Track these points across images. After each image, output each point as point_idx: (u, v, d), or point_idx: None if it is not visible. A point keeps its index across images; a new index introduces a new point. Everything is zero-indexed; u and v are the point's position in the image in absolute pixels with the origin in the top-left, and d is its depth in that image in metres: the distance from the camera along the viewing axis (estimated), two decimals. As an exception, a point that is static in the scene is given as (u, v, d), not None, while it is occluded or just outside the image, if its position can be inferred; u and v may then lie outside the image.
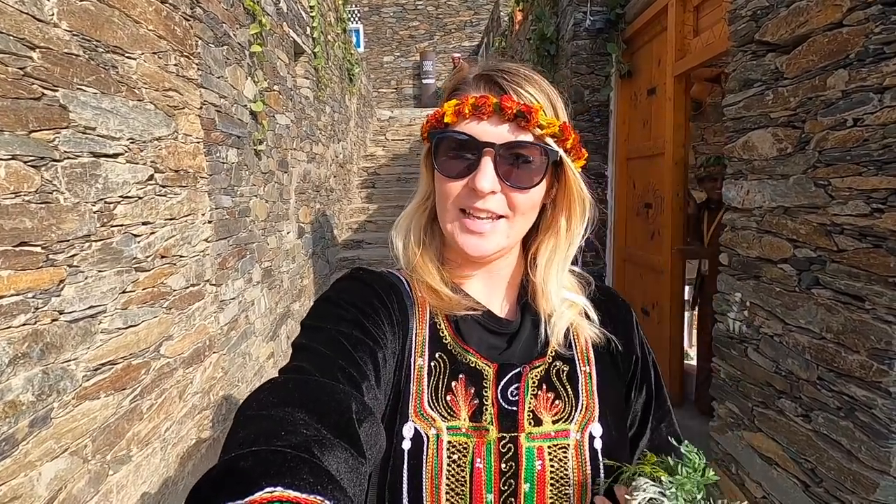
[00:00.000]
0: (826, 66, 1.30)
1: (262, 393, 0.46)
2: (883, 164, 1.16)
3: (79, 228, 1.52)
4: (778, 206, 1.51)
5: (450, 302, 0.61)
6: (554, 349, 0.62)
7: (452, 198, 0.59)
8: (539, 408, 0.60)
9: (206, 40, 2.42)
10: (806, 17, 1.36)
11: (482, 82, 0.59)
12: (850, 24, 1.23)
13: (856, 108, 1.22)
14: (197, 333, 2.28)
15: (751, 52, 1.59)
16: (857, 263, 1.25)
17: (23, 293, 1.31)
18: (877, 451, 1.21)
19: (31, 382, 1.33)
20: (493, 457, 0.57)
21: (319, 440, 0.40)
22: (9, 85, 1.28)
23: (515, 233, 0.61)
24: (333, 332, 0.54)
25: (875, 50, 1.16)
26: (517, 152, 0.57)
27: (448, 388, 0.59)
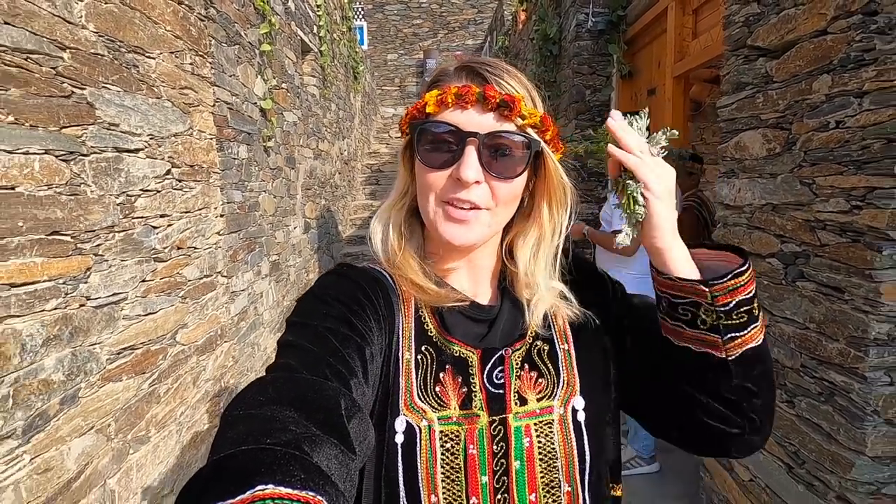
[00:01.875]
0: (812, 71, 1.38)
1: (249, 392, 0.45)
2: (862, 163, 1.24)
3: (104, 219, 1.60)
4: (767, 203, 1.59)
5: (436, 296, 0.62)
6: (533, 330, 0.63)
7: (435, 189, 0.59)
8: (523, 388, 0.61)
9: (219, 40, 2.50)
10: (794, 24, 1.44)
11: (464, 73, 0.59)
12: (834, 31, 1.31)
13: (838, 111, 1.30)
14: (209, 323, 2.36)
15: (743, 57, 1.67)
16: (837, 257, 1.33)
17: (54, 279, 1.39)
18: (853, 433, 1.29)
19: (62, 363, 1.42)
20: (486, 441, 0.59)
21: (309, 437, 0.40)
22: (43, 84, 1.36)
23: (497, 222, 0.61)
24: (320, 328, 0.54)
25: (856, 56, 1.24)
26: (500, 142, 0.57)
27: (437, 380, 0.60)
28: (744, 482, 1.74)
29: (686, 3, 2.75)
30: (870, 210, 1.22)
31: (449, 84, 0.58)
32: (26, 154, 1.30)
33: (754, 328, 0.55)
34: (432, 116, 0.58)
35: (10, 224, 1.25)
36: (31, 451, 1.30)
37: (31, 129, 1.32)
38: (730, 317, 0.54)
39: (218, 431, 0.42)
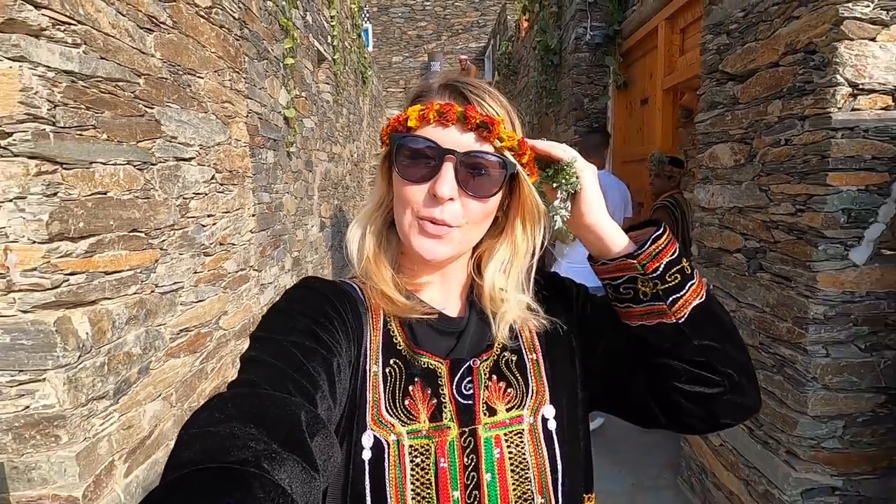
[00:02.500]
0: (767, 96, 1.65)
1: (206, 409, 0.44)
2: (804, 174, 1.50)
3: (167, 219, 1.88)
4: (734, 206, 1.85)
5: (404, 308, 0.61)
6: (500, 341, 0.64)
7: (411, 202, 0.59)
8: (492, 398, 0.61)
9: (251, 56, 2.77)
10: (754, 55, 1.70)
11: (447, 91, 0.60)
12: (784, 65, 1.57)
13: (787, 130, 1.56)
14: (244, 311, 2.64)
15: (715, 80, 1.94)
16: (786, 252, 1.59)
17: (134, 269, 1.67)
18: (798, 397, 1.56)
19: (139, 339, 1.69)
20: (457, 453, 0.58)
21: (269, 454, 0.39)
22: (125, 106, 1.64)
23: (467, 240, 0.62)
24: (285, 342, 0.53)
25: (799, 87, 1.51)
26: (477, 161, 0.58)
27: (406, 393, 0.59)
28: (715, 447, 2.01)
29: (675, 22, 3.01)
30: (809, 213, 1.49)
31: (432, 100, 0.59)
32: (115, 165, 1.58)
33: (692, 285, 0.59)
34: (413, 131, 0.59)
35: (104, 223, 1.52)
36: (119, 410, 1.58)
37: (118, 144, 1.59)
38: (664, 280, 0.58)
39: (172, 451, 0.40)
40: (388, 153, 0.62)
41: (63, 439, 1.37)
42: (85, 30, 1.44)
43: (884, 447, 1.55)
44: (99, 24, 1.50)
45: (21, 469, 1.37)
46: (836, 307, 1.48)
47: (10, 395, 1.34)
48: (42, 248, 1.30)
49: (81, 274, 1.43)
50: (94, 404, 1.47)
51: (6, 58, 1.23)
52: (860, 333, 1.50)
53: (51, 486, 1.39)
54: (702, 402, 0.61)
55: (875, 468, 1.56)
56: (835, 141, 1.40)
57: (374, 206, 0.66)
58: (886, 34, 1.36)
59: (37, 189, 1.29)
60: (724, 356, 0.60)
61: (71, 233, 1.38)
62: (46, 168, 1.31)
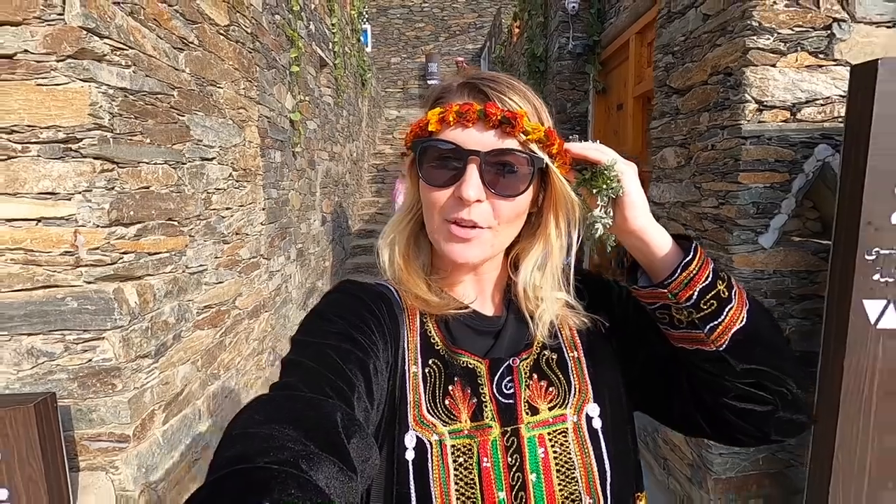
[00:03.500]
0: (700, 109, 1.97)
1: (248, 411, 0.45)
2: (724, 174, 1.83)
3: (194, 210, 2.20)
4: (677, 201, 2.18)
5: (438, 305, 0.62)
6: (540, 340, 0.62)
7: (438, 207, 0.58)
8: (533, 397, 0.60)
9: (261, 66, 3.09)
10: (691, 74, 2.03)
11: (466, 90, 0.59)
12: (711, 83, 1.89)
13: (712, 138, 1.89)
14: (256, 294, 2.96)
15: (664, 93, 2.26)
16: (713, 238, 1.92)
17: (170, 251, 1.99)
18: (720, 358, 1.89)
19: (173, 310, 2.02)
20: (500, 453, 0.57)
21: (307, 455, 0.40)
22: (163, 115, 1.95)
23: (500, 242, 0.61)
24: (322, 345, 0.54)
25: (720, 102, 1.83)
26: (503, 160, 0.56)
27: (445, 393, 0.59)
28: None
29: (644, 37, 3.33)
30: (727, 206, 1.82)
31: (451, 102, 0.58)
32: (156, 164, 1.90)
33: (731, 310, 0.55)
34: (435, 135, 0.58)
35: (148, 212, 1.84)
36: (159, 368, 1.90)
37: (158, 147, 1.91)
38: (699, 308, 0.55)
39: (216, 450, 0.42)
40: (413, 160, 0.61)
41: (118, 387, 1.69)
42: (134, 53, 1.76)
43: (791, 399, 1.88)
44: (144, 48, 1.82)
45: (84, 411, 1.69)
46: (749, 283, 1.80)
47: (76, 350, 1.66)
48: (104, 231, 1.62)
49: (132, 253, 1.75)
50: (141, 361, 1.79)
51: (79, 79, 1.55)
52: (769, 305, 1.82)
53: (107, 426, 1.71)
54: (753, 420, 0.59)
55: (784, 417, 1.89)
56: (744, 147, 1.72)
57: (403, 213, 0.66)
58: (784, 61, 1.68)
59: (100, 184, 1.61)
60: (776, 376, 0.57)
61: (124, 219, 1.70)
62: (107, 167, 1.63)
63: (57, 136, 1.55)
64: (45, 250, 1.60)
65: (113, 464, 1.72)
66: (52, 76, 1.53)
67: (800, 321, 1.83)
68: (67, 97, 1.55)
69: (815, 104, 1.71)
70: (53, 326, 1.62)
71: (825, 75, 1.70)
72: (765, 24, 1.65)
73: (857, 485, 1.52)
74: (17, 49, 1.51)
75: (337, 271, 5.39)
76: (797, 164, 1.74)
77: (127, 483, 1.74)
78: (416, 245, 0.66)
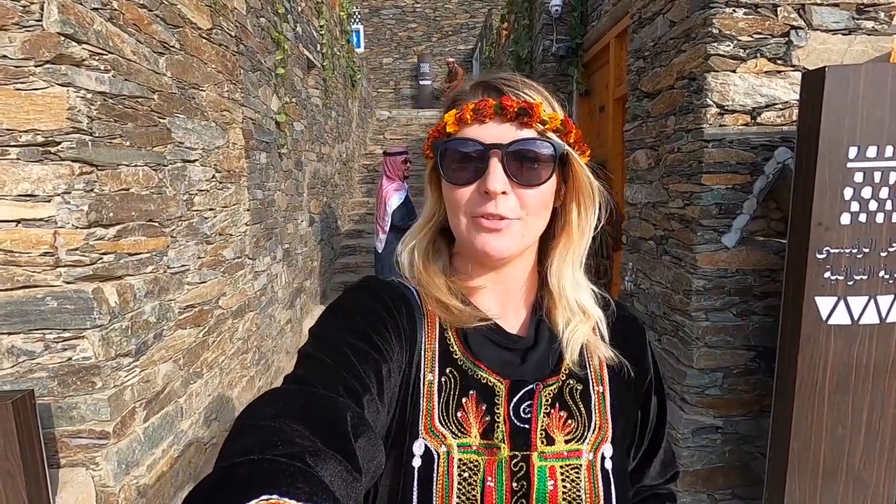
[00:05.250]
0: (667, 113, 2.03)
1: (261, 403, 0.46)
2: (689, 176, 1.89)
3: (176, 211, 2.23)
4: (648, 202, 2.24)
5: (460, 315, 0.60)
6: (567, 367, 0.61)
7: (465, 205, 0.58)
8: (552, 427, 0.59)
9: (245, 68, 3.13)
10: (659, 79, 2.09)
11: (480, 89, 0.60)
12: (677, 88, 1.96)
13: (679, 141, 1.95)
14: (240, 294, 3.00)
15: (636, 97, 2.32)
16: (679, 238, 1.98)
17: (150, 252, 2.03)
18: (686, 353, 1.95)
19: (154, 310, 2.05)
20: (505, 475, 0.56)
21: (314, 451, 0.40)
22: (143, 118, 1.99)
23: (531, 233, 0.60)
24: (339, 342, 0.54)
25: (686, 106, 1.89)
26: (524, 150, 0.56)
27: (459, 405, 0.58)
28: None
29: (623, 40, 3.40)
30: (692, 207, 1.88)
31: (466, 102, 0.58)
32: (136, 166, 1.93)
33: None
34: (453, 135, 0.58)
35: (128, 213, 1.88)
36: (139, 366, 1.94)
37: (138, 150, 1.95)
38: None
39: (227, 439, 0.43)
40: (434, 164, 0.61)
41: (98, 385, 1.73)
42: (113, 58, 1.79)
43: (755, 394, 1.94)
44: (123, 52, 1.86)
45: (64, 409, 1.72)
46: (712, 281, 1.87)
47: (56, 348, 1.69)
48: (83, 232, 1.66)
49: (111, 254, 1.78)
50: (121, 359, 1.83)
51: (57, 84, 1.58)
52: (733, 302, 1.89)
53: (87, 423, 1.75)
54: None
55: (748, 411, 1.96)
56: (706, 150, 1.78)
57: (424, 220, 0.66)
58: (744, 67, 1.74)
59: (79, 186, 1.64)
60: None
61: (104, 221, 1.74)
62: (86, 169, 1.67)
63: (36, 140, 1.59)
64: (24, 251, 1.63)
65: (93, 460, 1.75)
66: (30, 81, 1.57)
67: (762, 318, 1.89)
68: (46, 102, 1.58)
69: (775, 108, 1.77)
70: (33, 326, 1.66)
71: (784, 80, 1.76)
72: (725, 32, 1.71)
73: (812, 472, 1.59)
74: (-5, 55, 1.54)
75: (325, 271, 5.42)
76: (758, 166, 1.80)
77: (107, 479, 1.77)
78: (435, 250, 0.66)
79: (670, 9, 1.97)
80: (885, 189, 1.47)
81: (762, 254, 1.86)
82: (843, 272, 1.50)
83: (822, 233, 1.49)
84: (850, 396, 1.55)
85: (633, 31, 2.34)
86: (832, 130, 1.44)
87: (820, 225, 1.49)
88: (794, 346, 1.56)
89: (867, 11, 1.72)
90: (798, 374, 1.55)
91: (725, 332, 1.90)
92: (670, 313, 2.07)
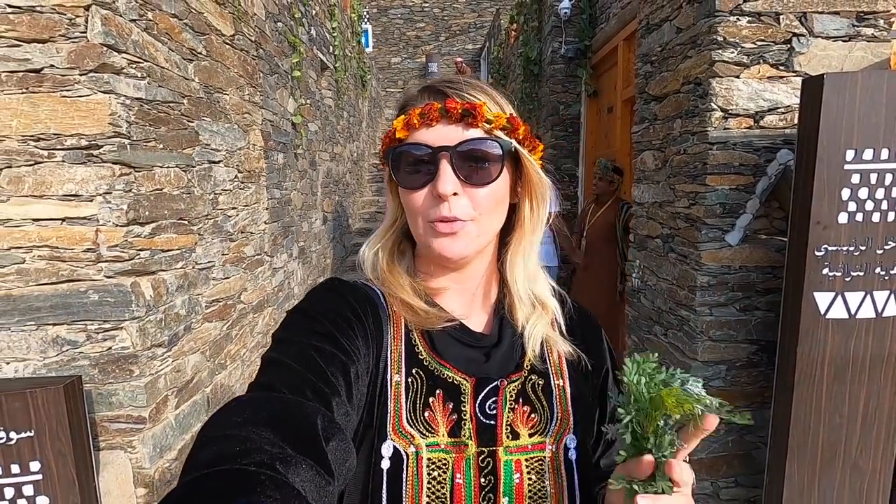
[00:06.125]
0: (674, 116, 2.11)
1: (225, 412, 0.45)
2: (694, 176, 1.97)
3: (203, 210, 2.35)
4: (655, 201, 2.32)
5: (426, 316, 0.61)
6: (529, 363, 0.62)
7: (420, 209, 0.59)
8: (516, 421, 0.60)
9: (264, 72, 3.24)
10: (666, 83, 2.17)
11: (426, 94, 0.60)
12: (683, 92, 2.04)
13: (684, 143, 2.03)
14: (259, 290, 3.12)
15: (644, 99, 2.40)
16: (685, 236, 2.06)
17: (180, 248, 2.14)
18: (692, 347, 2.03)
19: (184, 303, 2.17)
20: (473, 472, 0.57)
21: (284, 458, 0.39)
22: (174, 122, 2.10)
23: (485, 232, 0.61)
24: (305, 345, 0.53)
25: (690, 110, 1.97)
26: (472, 149, 0.57)
27: (426, 405, 0.58)
28: (643, 395, 2.49)
29: (630, 43, 3.47)
30: (697, 206, 1.96)
31: (414, 107, 0.59)
32: (168, 168, 2.05)
33: None
34: (404, 141, 0.59)
35: (161, 212, 1.99)
36: (172, 356, 2.06)
37: (170, 152, 2.06)
38: None
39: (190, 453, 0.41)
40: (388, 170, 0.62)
41: (135, 373, 1.85)
42: (148, 66, 1.90)
43: (757, 386, 2.03)
44: (157, 60, 1.97)
45: (104, 395, 1.84)
46: (716, 277, 1.95)
47: (97, 338, 1.81)
48: (122, 230, 1.77)
49: (147, 250, 1.90)
50: (155, 349, 1.94)
51: (100, 91, 1.70)
52: (736, 298, 1.97)
53: (125, 409, 1.86)
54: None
55: (751, 402, 2.04)
56: (711, 152, 1.87)
57: (386, 225, 0.67)
58: (747, 73, 1.82)
59: (119, 186, 1.76)
60: None
61: (140, 219, 1.85)
62: (125, 171, 1.78)
63: (80, 144, 1.70)
64: (69, 247, 1.75)
65: (130, 443, 1.87)
66: (75, 89, 1.68)
67: (764, 313, 1.97)
68: (90, 108, 1.69)
69: (777, 112, 1.85)
70: (77, 317, 1.77)
71: (786, 85, 1.84)
72: (729, 39, 1.79)
73: (811, 459, 1.67)
74: (44, 64, 1.66)
75: (338, 268, 5.54)
76: (761, 167, 1.88)
77: (143, 461, 1.89)
78: (400, 252, 0.67)
79: (677, 16, 2.05)
80: (881, 190, 1.55)
81: (764, 251, 1.94)
82: (840, 269, 1.58)
83: (820, 231, 1.57)
84: (847, 387, 1.63)
85: (641, 36, 2.42)
86: (830, 134, 1.51)
87: (819, 224, 1.57)
88: (793, 339, 1.64)
89: (867, 19, 1.79)
90: (797, 365, 1.63)
91: (729, 327, 1.98)
92: (676, 308, 2.15)
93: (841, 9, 1.78)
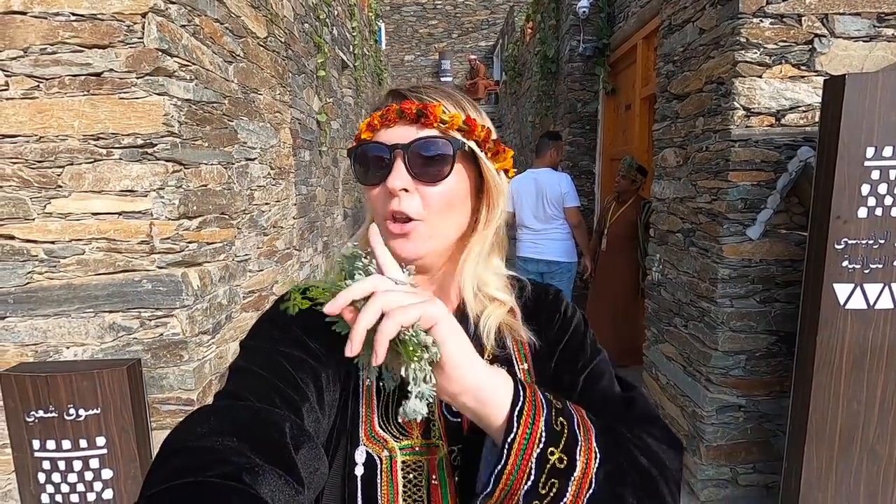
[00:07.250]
0: (696, 114, 2.18)
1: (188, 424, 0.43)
2: (716, 173, 2.04)
3: (241, 205, 2.46)
4: (676, 197, 2.39)
5: None
6: (490, 354, 0.62)
7: (377, 206, 0.60)
8: None
9: (293, 72, 3.35)
10: (688, 82, 2.24)
11: (391, 98, 0.62)
12: (706, 91, 2.10)
13: (706, 141, 2.10)
14: (289, 283, 3.23)
15: (665, 98, 2.47)
16: (706, 231, 2.13)
17: (222, 242, 2.26)
18: (712, 337, 2.11)
19: (225, 294, 2.29)
20: (447, 471, 0.57)
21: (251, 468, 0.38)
22: (216, 121, 2.22)
23: (438, 234, 0.60)
24: (273, 352, 0.53)
25: (713, 108, 2.04)
26: (423, 147, 0.57)
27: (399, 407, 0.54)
28: (663, 385, 2.57)
29: (650, 42, 3.52)
30: (719, 201, 2.03)
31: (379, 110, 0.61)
32: (212, 165, 2.16)
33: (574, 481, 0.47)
34: (366, 141, 0.61)
35: (206, 207, 2.11)
36: (215, 343, 2.18)
37: (212, 150, 2.17)
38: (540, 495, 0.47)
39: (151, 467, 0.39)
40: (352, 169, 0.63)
41: (185, 358, 1.97)
42: (196, 68, 2.02)
43: (776, 375, 2.09)
44: (203, 63, 2.08)
45: (156, 378, 1.96)
46: (737, 270, 2.02)
47: (150, 325, 1.93)
48: (173, 223, 1.89)
49: (194, 243, 2.02)
50: (202, 336, 2.06)
51: (154, 93, 1.81)
52: (756, 290, 2.04)
53: (175, 391, 1.98)
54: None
55: (770, 391, 2.11)
56: (733, 149, 1.93)
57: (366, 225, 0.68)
58: (769, 73, 1.89)
59: (171, 183, 1.87)
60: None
61: (189, 213, 1.97)
62: (176, 168, 1.90)
63: (136, 143, 1.82)
64: (124, 239, 1.87)
65: (180, 424, 1.99)
66: (132, 91, 1.80)
67: (784, 304, 2.04)
68: (145, 109, 1.81)
69: (798, 111, 1.92)
70: (131, 305, 1.90)
71: (807, 85, 1.90)
72: (752, 40, 1.86)
73: (829, 444, 1.74)
74: (104, 68, 1.77)
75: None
76: (781, 164, 1.94)
77: (191, 441, 2.01)
78: None
79: (700, 17, 2.12)
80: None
81: (784, 245, 2.00)
82: (859, 261, 1.64)
83: (840, 225, 1.64)
84: (864, 375, 1.70)
85: (663, 36, 2.49)
86: (851, 132, 1.58)
87: (839, 218, 1.64)
88: (813, 328, 1.71)
89: (887, 19, 1.85)
90: (817, 353, 1.70)
91: (749, 318, 2.05)
92: (697, 300, 2.23)
93: (862, 10, 1.84)
